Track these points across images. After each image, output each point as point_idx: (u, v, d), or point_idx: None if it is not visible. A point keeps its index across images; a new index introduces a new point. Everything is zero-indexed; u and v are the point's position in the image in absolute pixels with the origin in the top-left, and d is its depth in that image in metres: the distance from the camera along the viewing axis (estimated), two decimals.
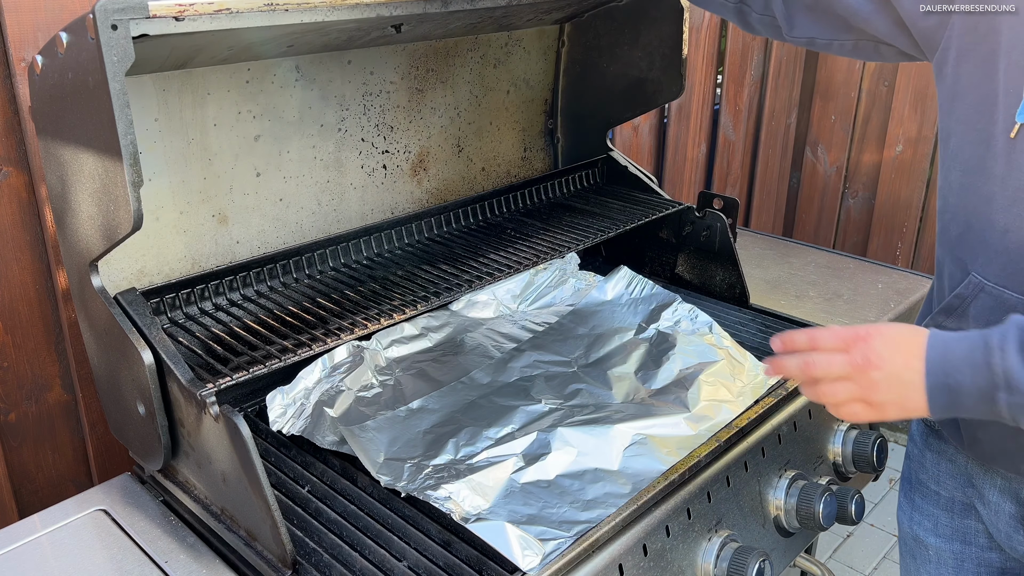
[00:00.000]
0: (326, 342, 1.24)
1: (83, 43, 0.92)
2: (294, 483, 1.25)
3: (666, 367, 1.48)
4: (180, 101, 1.32)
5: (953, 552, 1.26)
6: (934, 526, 1.28)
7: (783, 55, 3.07)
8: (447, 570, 1.07)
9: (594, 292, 1.73)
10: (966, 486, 1.22)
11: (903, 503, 1.35)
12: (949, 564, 1.27)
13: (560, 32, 1.91)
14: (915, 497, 1.32)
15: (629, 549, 1.13)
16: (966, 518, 1.24)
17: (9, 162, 1.35)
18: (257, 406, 1.44)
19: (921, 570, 1.32)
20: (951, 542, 1.26)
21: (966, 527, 1.24)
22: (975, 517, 1.23)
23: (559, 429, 1.29)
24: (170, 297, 1.32)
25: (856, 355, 0.95)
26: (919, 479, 1.31)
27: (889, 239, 3.25)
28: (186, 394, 1.09)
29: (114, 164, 0.96)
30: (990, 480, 1.17)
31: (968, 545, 1.25)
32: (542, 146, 2.00)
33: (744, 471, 1.31)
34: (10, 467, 1.46)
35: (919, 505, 1.31)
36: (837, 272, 2.07)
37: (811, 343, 1.00)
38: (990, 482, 1.18)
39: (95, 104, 0.94)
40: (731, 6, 1.35)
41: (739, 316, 1.74)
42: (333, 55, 1.50)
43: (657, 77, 1.80)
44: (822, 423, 1.48)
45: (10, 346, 1.42)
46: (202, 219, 1.40)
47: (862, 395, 0.96)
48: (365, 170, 1.63)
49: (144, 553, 1.15)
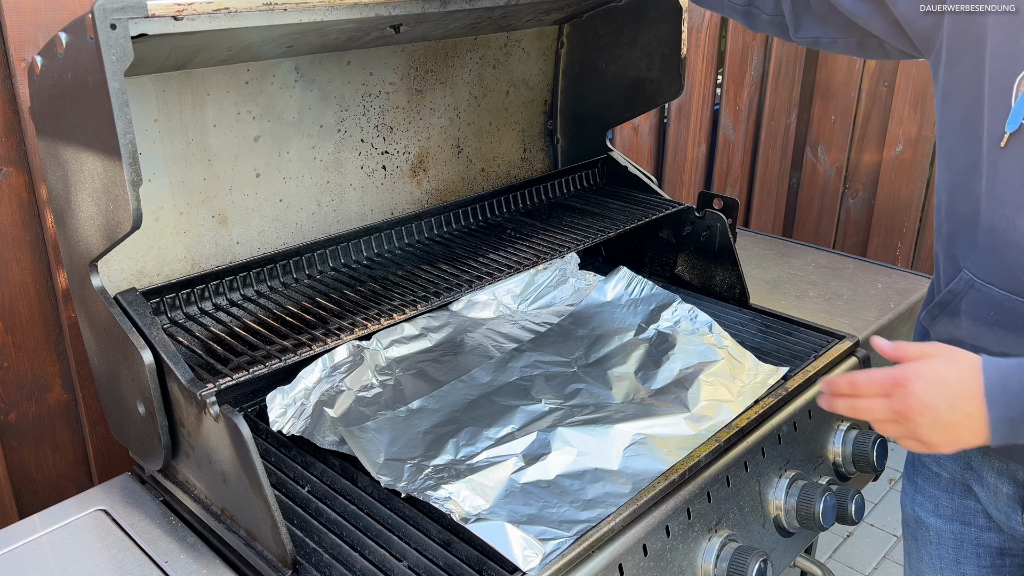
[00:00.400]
0: (326, 342, 1.24)
1: (82, 43, 0.92)
2: (294, 483, 1.25)
3: (666, 367, 1.48)
4: (180, 102, 1.33)
5: (953, 532, 1.28)
6: (935, 507, 1.30)
7: (783, 55, 3.07)
8: (447, 570, 1.07)
9: (594, 293, 1.73)
10: (965, 468, 1.25)
11: (906, 485, 1.38)
12: (949, 544, 1.29)
13: (559, 33, 1.91)
14: (917, 479, 1.34)
15: (629, 549, 1.13)
16: (965, 499, 1.26)
17: (9, 162, 1.35)
18: (257, 406, 1.44)
19: (923, 551, 1.33)
20: (951, 523, 1.28)
21: (965, 508, 1.26)
22: (974, 498, 1.25)
23: (559, 429, 1.29)
24: (170, 297, 1.32)
25: (896, 403, 0.96)
26: (921, 460, 1.33)
27: (889, 239, 3.25)
28: (186, 394, 1.09)
29: (113, 163, 0.96)
30: (988, 462, 1.20)
31: (967, 526, 1.27)
32: (542, 147, 2.00)
33: (744, 471, 1.31)
34: (10, 467, 1.46)
35: (921, 486, 1.33)
36: (837, 272, 2.07)
37: (852, 388, 1.01)
38: (988, 464, 1.20)
39: (94, 103, 0.94)
40: (740, 8, 1.36)
41: (739, 316, 1.74)
42: (332, 56, 1.51)
43: (656, 77, 1.80)
44: (822, 423, 1.48)
45: (10, 346, 1.42)
46: (202, 220, 1.40)
47: (911, 435, 0.97)
48: (365, 171, 1.63)
49: (144, 553, 1.15)
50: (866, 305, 1.88)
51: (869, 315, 1.83)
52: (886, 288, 1.97)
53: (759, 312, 1.76)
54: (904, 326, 1.90)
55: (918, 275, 2.07)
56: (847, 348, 1.59)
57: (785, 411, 1.42)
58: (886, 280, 2.02)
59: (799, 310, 1.82)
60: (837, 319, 1.80)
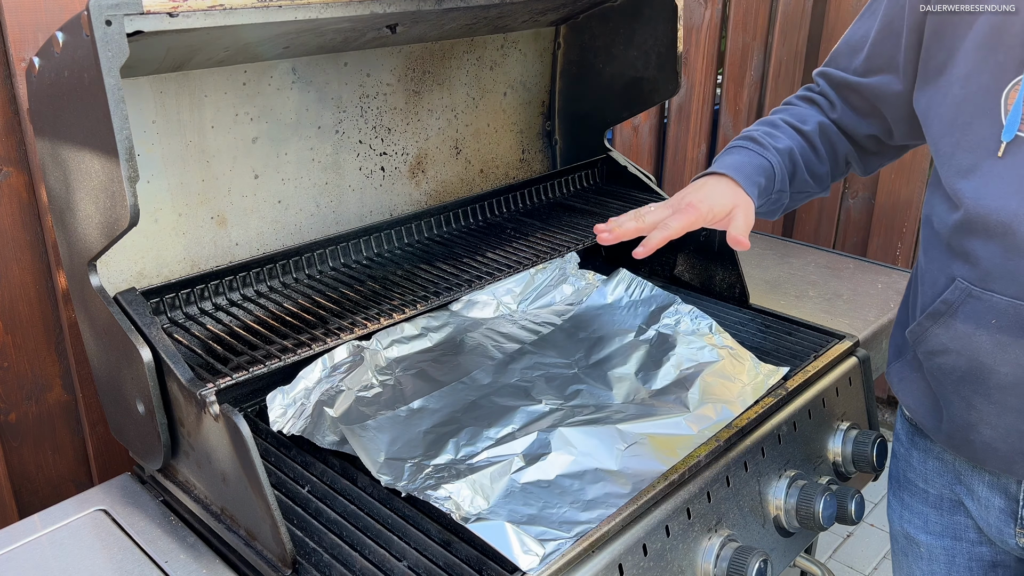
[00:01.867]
0: (326, 342, 1.24)
1: (78, 41, 0.93)
2: (294, 483, 1.25)
3: (666, 367, 1.48)
4: (177, 103, 1.33)
5: (944, 548, 1.27)
6: (924, 523, 1.29)
7: (783, 55, 3.08)
8: (447, 570, 1.07)
9: (594, 296, 1.73)
10: (954, 483, 1.23)
11: (892, 502, 1.37)
12: (941, 560, 1.28)
13: (556, 34, 1.92)
14: (904, 495, 1.33)
15: (629, 549, 1.13)
16: (955, 514, 1.25)
17: (9, 162, 1.35)
18: (257, 406, 1.44)
19: (914, 567, 1.33)
20: (941, 538, 1.27)
21: (956, 523, 1.25)
22: (964, 513, 1.24)
23: (559, 429, 1.29)
24: (169, 297, 1.32)
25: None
26: (907, 477, 1.32)
27: (889, 239, 3.25)
28: (186, 393, 1.09)
29: (110, 160, 0.96)
30: (978, 476, 1.19)
31: (959, 541, 1.26)
32: (540, 147, 2.00)
33: (744, 471, 1.31)
34: (10, 467, 1.46)
35: (908, 503, 1.32)
36: (837, 272, 2.06)
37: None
38: (978, 478, 1.19)
39: (91, 101, 0.94)
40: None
41: (739, 316, 1.74)
42: (329, 57, 1.51)
43: (653, 76, 1.80)
44: (822, 423, 1.48)
45: (10, 346, 1.42)
46: (201, 221, 1.40)
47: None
48: (363, 172, 1.63)
49: (144, 553, 1.15)
50: (866, 305, 1.88)
51: (869, 315, 1.83)
52: (886, 288, 1.97)
53: (759, 312, 1.76)
54: None
55: None
56: (847, 348, 1.59)
57: (785, 411, 1.42)
58: (886, 280, 2.02)
59: (799, 310, 1.82)
60: (837, 319, 1.80)
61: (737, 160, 1.21)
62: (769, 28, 2.99)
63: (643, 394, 1.42)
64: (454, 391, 1.42)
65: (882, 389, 3.44)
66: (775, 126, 1.28)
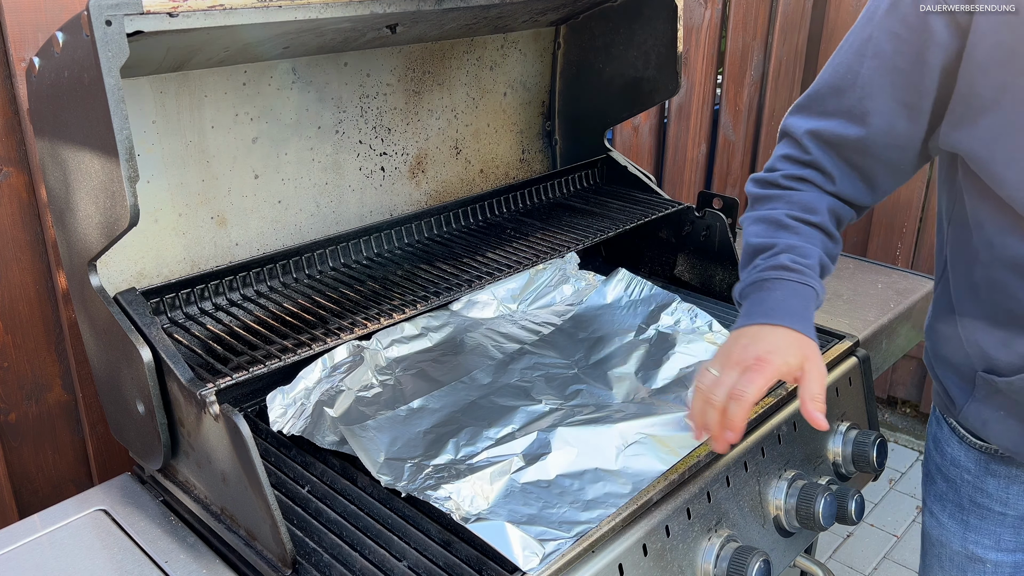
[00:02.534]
0: (326, 342, 1.24)
1: (78, 41, 0.93)
2: (294, 483, 1.25)
3: (666, 366, 1.48)
4: (177, 103, 1.33)
5: (1014, 563, 1.29)
6: (995, 543, 1.30)
7: (783, 55, 3.08)
8: (447, 570, 1.07)
9: (593, 297, 1.73)
10: None
11: (950, 525, 1.35)
12: (1006, 574, 1.30)
13: (556, 34, 1.92)
14: (970, 519, 1.32)
15: (629, 549, 1.13)
16: None
17: (9, 162, 1.35)
18: (257, 406, 1.44)
19: None
20: (1013, 554, 1.29)
21: None
22: None
23: (559, 429, 1.29)
24: (170, 297, 1.32)
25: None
26: (977, 503, 1.31)
27: (889, 239, 3.25)
28: (186, 393, 1.09)
29: (110, 160, 0.96)
30: None
31: None
32: (540, 148, 2.00)
33: (744, 471, 1.31)
34: (10, 467, 1.46)
35: (976, 525, 1.32)
36: (837, 272, 2.06)
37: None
38: None
39: (91, 101, 0.94)
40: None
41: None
42: (329, 57, 1.51)
43: (653, 75, 1.80)
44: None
45: (10, 346, 1.42)
46: (201, 221, 1.41)
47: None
48: (363, 172, 1.63)
49: (144, 553, 1.15)
50: (866, 305, 1.88)
51: (869, 315, 1.83)
52: (886, 288, 1.97)
53: None
54: (904, 326, 1.90)
55: (918, 275, 2.06)
56: (847, 348, 1.59)
57: (785, 411, 1.42)
58: (886, 280, 2.02)
59: None
60: (837, 319, 1.80)
61: (784, 301, 1.11)
62: (769, 28, 2.99)
63: (643, 393, 1.42)
64: (454, 391, 1.42)
65: (882, 389, 3.44)
66: (786, 228, 1.17)
